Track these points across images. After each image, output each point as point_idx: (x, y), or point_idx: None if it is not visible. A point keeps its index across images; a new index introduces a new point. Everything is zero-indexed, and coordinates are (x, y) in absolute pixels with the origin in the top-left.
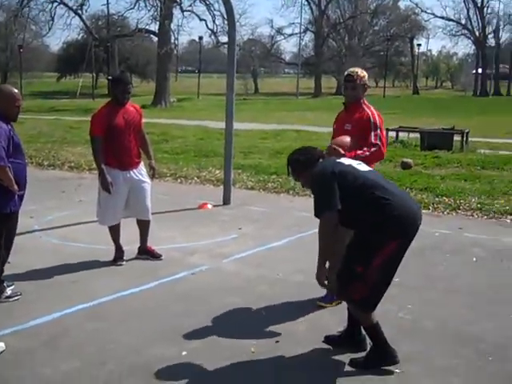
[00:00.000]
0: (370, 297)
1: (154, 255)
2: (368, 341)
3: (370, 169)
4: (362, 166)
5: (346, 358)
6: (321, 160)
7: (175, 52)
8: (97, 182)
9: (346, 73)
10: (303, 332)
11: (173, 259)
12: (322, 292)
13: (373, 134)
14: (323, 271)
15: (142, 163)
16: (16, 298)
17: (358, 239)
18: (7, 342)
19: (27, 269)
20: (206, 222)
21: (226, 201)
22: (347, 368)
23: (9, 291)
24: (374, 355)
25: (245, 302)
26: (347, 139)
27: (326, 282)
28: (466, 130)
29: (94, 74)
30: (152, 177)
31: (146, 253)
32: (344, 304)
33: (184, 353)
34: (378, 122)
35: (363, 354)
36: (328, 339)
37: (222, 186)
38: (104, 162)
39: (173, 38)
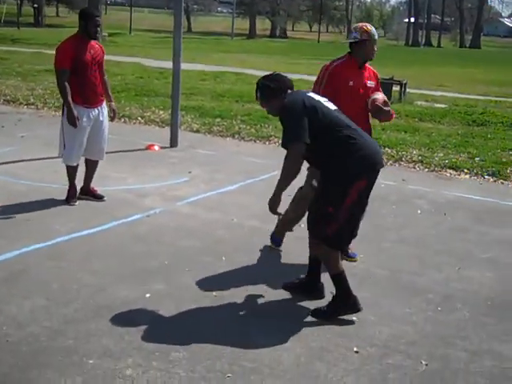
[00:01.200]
0: (341, 234)
1: (96, 196)
2: (328, 290)
3: (336, 108)
4: (330, 104)
5: (305, 305)
6: (289, 91)
7: None
8: (37, 118)
9: (371, 30)
10: (265, 274)
11: (126, 201)
12: (286, 241)
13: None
14: (278, 200)
15: (104, 102)
16: None
17: (326, 180)
18: None
19: None
20: (155, 164)
21: (174, 143)
22: (309, 318)
23: None
24: (337, 303)
25: (203, 246)
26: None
27: (278, 211)
28: (404, 81)
29: (19, 1)
30: (112, 119)
31: (87, 193)
32: (305, 251)
33: (148, 295)
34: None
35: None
36: (286, 286)
37: (167, 128)
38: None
39: None
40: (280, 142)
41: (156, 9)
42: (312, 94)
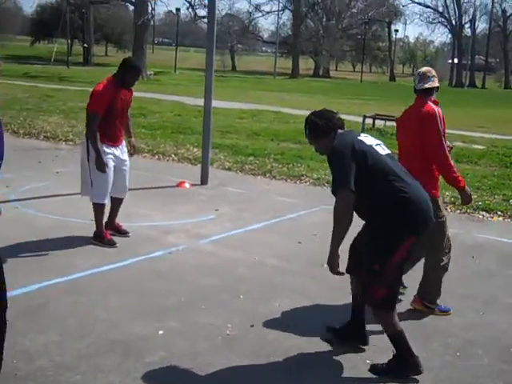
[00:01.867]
0: (389, 295)
1: (120, 231)
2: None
3: (389, 152)
4: (382, 149)
5: (311, 344)
6: (340, 130)
7: (152, 23)
8: (74, 155)
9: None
10: (278, 317)
11: (150, 237)
12: (306, 280)
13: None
14: (336, 258)
15: (123, 140)
16: None
17: (373, 234)
18: None
19: (3, 239)
20: (184, 201)
21: (204, 180)
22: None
23: None
24: (397, 362)
25: (222, 284)
26: None
27: (339, 270)
28: None
29: (69, 41)
30: (132, 154)
31: (112, 229)
32: (317, 290)
33: (161, 332)
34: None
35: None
36: (330, 329)
37: (199, 165)
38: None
39: (150, 7)
40: (329, 185)
41: (201, 48)
42: (363, 137)
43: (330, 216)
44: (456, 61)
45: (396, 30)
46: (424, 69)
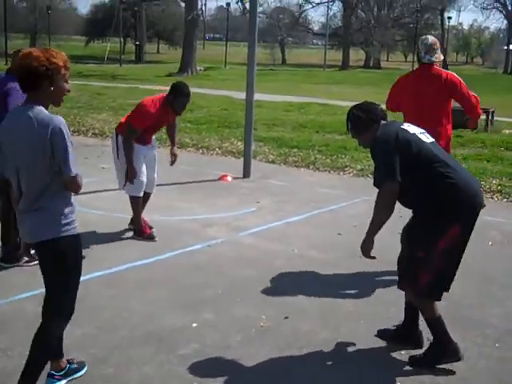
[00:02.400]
0: (435, 283)
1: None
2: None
3: (433, 140)
4: (426, 136)
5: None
6: (383, 122)
7: (202, 18)
8: None
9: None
10: (313, 309)
11: (190, 230)
12: (342, 272)
13: None
14: (371, 244)
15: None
16: (35, 262)
17: (418, 221)
18: (25, 306)
19: None
20: (225, 194)
21: (246, 173)
22: (350, 349)
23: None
24: (435, 350)
25: (259, 276)
26: None
27: (372, 255)
28: (492, 109)
29: (122, 39)
30: (172, 163)
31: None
32: (356, 286)
33: (194, 324)
34: None
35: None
36: (382, 334)
37: (242, 159)
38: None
39: (200, 3)
40: (372, 177)
41: None
42: (406, 126)
43: (370, 207)
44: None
45: (449, 18)
46: (431, 39)
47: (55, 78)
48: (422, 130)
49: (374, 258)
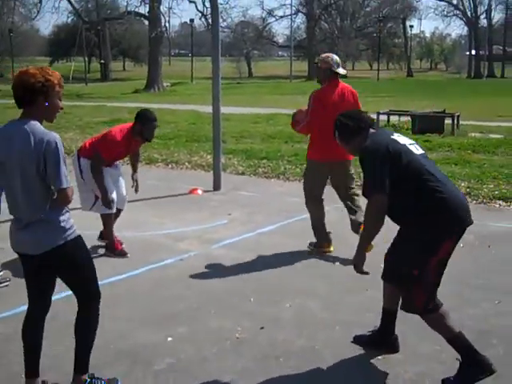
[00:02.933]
0: (428, 299)
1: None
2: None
3: (423, 152)
4: (415, 148)
5: (319, 344)
6: (372, 130)
7: (166, 35)
8: None
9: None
10: (288, 318)
11: (162, 245)
12: (316, 280)
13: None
14: (363, 258)
15: None
16: (5, 284)
17: (409, 237)
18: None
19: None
20: (196, 208)
21: (216, 186)
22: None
23: None
24: (468, 368)
25: (232, 287)
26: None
27: (364, 270)
28: (457, 114)
29: (87, 58)
30: (136, 190)
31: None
32: (328, 290)
33: (169, 338)
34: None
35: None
36: (358, 339)
37: (212, 172)
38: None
39: (163, 20)
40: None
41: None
42: (396, 136)
43: (341, 214)
44: (474, 52)
45: (411, 26)
46: (335, 56)
47: (50, 94)
48: (412, 141)
49: (367, 273)
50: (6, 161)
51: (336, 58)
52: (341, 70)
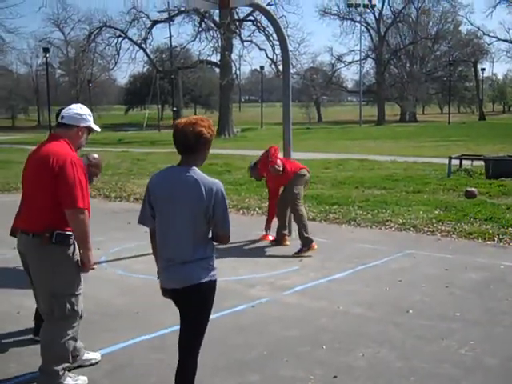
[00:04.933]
0: None
1: None
2: None
3: None
4: None
5: None
6: None
7: (237, 82)
8: None
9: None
10: (362, 367)
11: (234, 291)
12: (390, 328)
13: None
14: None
15: None
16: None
17: None
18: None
19: (93, 299)
20: (268, 254)
21: (288, 232)
22: None
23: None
24: None
25: (304, 335)
26: None
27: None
28: None
29: (160, 106)
30: None
31: None
32: (404, 342)
33: None
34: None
35: None
36: None
37: None
38: None
39: (234, 68)
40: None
41: None
42: None
43: (414, 261)
44: None
45: (483, 69)
46: None
47: (210, 143)
48: None
49: None
50: (164, 203)
51: None
52: None
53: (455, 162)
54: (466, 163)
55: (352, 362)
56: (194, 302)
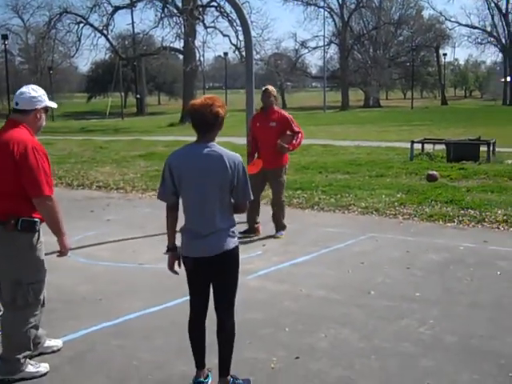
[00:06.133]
0: None
1: None
2: None
3: None
4: None
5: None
6: None
7: (201, 69)
8: (125, 202)
9: (263, 88)
10: (324, 348)
11: None
12: (352, 310)
13: (293, 125)
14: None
15: None
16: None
17: None
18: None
19: (56, 287)
20: None
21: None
22: None
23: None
24: None
25: (267, 318)
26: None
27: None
28: (493, 141)
29: (123, 94)
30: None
31: None
32: (366, 323)
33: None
34: (291, 117)
35: None
36: None
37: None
38: None
39: (198, 54)
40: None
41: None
42: None
43: (377, 244)
44: (509, 79)
45: (445, 54)
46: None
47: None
48: None
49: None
50: (195, 178)
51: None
52: None
53: (417, 146)
54: (428, 147)
55: (314, 343)
56: (226, 267)
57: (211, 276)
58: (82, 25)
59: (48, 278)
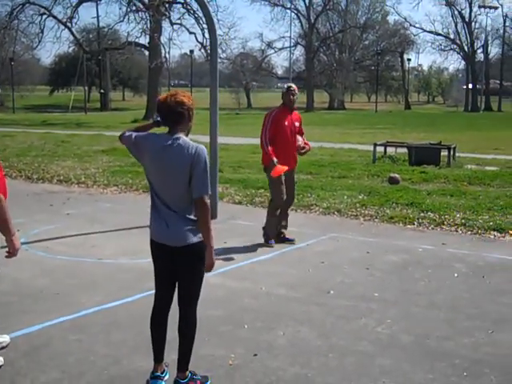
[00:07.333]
0: None
1: None
2: None
3: None
4: None
5: (318, 373)
6: None
7: (166, 66)
8: (85, 197)
9: (287, 85)
10: (282, 346)
11: None
12: (312, 308)
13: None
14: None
15: None
16: None
17: None
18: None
19: (12, 280)
20: None
21: (213, 215)
22: None
23: None
24: None
25: (227, 315)
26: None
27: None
28: (453, 145)
29: (87, 88)
30: None
31: None
32: (324, 321)
33: None
34: None
35: None
36: None
37: None
38: None
39: (163, 51)
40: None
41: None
42: None
43: (338, 244)
44: (471, 86)
45: (409, 59)
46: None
47: (192, 115)
48: None
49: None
50: (156, 164)
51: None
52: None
53: (380, 148)
54: (391, 150)
55: (272, 340)
56: (190, 261)
57: (175, 268)
58: (45, 16)
59: (4, 270)
